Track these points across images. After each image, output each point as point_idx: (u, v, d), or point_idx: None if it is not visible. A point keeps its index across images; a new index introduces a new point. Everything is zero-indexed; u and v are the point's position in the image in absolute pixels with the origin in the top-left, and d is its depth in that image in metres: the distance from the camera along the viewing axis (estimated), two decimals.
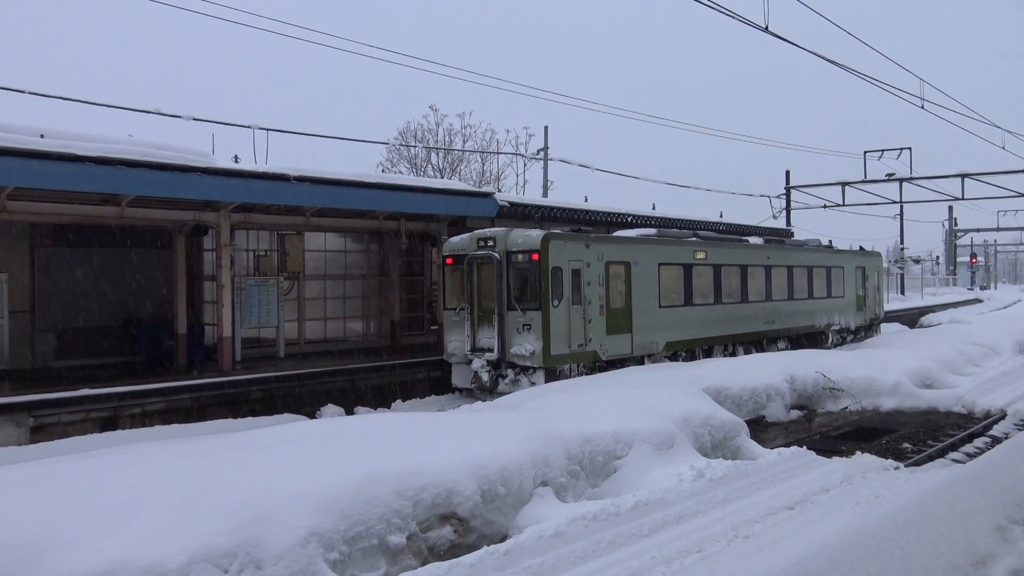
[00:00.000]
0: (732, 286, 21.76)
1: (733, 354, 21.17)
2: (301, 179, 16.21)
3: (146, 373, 15.68)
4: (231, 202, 16.05)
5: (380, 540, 6.54)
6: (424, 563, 6.65)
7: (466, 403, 14.92)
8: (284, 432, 8.80)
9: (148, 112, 19.44)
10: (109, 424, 13.32)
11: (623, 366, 17.20)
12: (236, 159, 18.46)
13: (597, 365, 17.09)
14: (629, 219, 24.87)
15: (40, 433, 12.58)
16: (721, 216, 32.39)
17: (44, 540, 5.48)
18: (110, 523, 5.75)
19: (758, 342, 22.81)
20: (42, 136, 13.76)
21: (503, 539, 7.25)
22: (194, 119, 20.35)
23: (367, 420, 10.44)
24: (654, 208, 29.37)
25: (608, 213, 24.49)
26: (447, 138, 40.81)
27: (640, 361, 18.19)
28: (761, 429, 13.71)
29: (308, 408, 15.56)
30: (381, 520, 6.59)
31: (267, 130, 20.22)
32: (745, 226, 32.27)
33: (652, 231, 20.48)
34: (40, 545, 5.43)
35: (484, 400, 14.90)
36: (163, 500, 6.11)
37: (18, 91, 15.64)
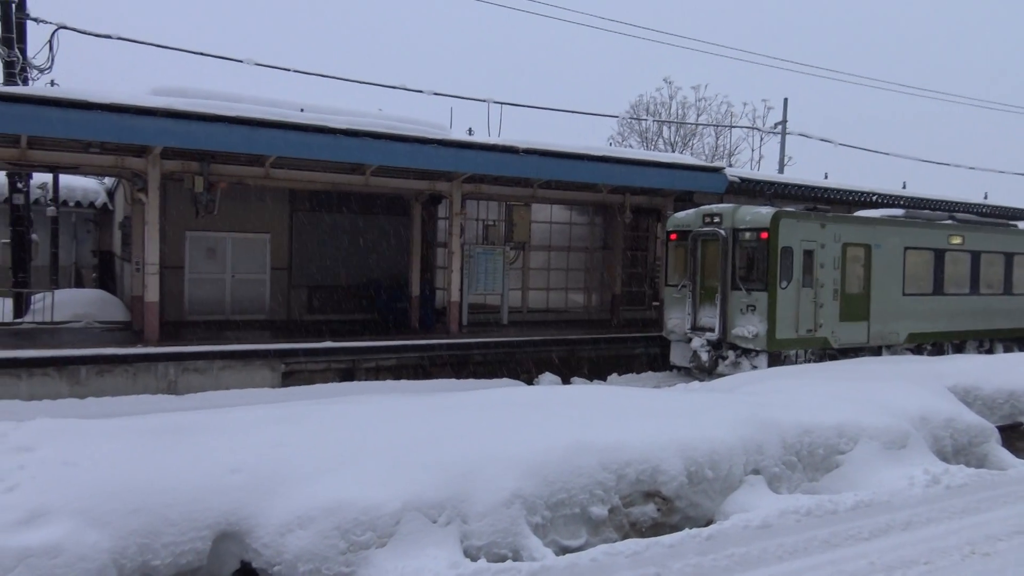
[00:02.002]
0: (994, 275, 19.49)
1: (990, 351, 19.03)
2: (529, 151, 16.58)
3: (381, 331, 16.93)
4: (463, 173, 16.77)
5: (582, 509, 6.58)
6: (624, 537, 6.62)
7: (682, 382, 14.63)
8: (498, 396, 9.10)
9: (395, 88, 20.92)
10: (347, 375, 14.55)
11: (857, 356, 16.03)
12: (470, 132, 19.30)
13: (827, 353, 16.07)
14: (873, 198, 22.98)
15: (289, 378, 14.01)
16: (986, 197, 29.02)
17: (282, 473, 6.07)
18: (337, 464, 6.26)
19: (1022, 340, 20.30)
20: (302, 110, 15.16)
21: (708, 523, 7.03)
22: (435, 94, 21.53)
23: (579, 390, 10.53)
24: (904, 187, 26.97)
25: (848, 191, 22.78)
26: (680, 111, 39.88)
27: (877, 352, 16.85)
28: (1017, 437, 12.17)
29: (527, 375, 16.03)
30: (584, 490, 6.63)
31: (500, 104, 20.98)
32: (1016, 209, 28.67)
33: (899, 212, 18.80)
34: (280, 477, 6.03)
35: (702, 380, 14.52)
36: (383, 449, 6.54)
37: (284, 69, 17.37)
